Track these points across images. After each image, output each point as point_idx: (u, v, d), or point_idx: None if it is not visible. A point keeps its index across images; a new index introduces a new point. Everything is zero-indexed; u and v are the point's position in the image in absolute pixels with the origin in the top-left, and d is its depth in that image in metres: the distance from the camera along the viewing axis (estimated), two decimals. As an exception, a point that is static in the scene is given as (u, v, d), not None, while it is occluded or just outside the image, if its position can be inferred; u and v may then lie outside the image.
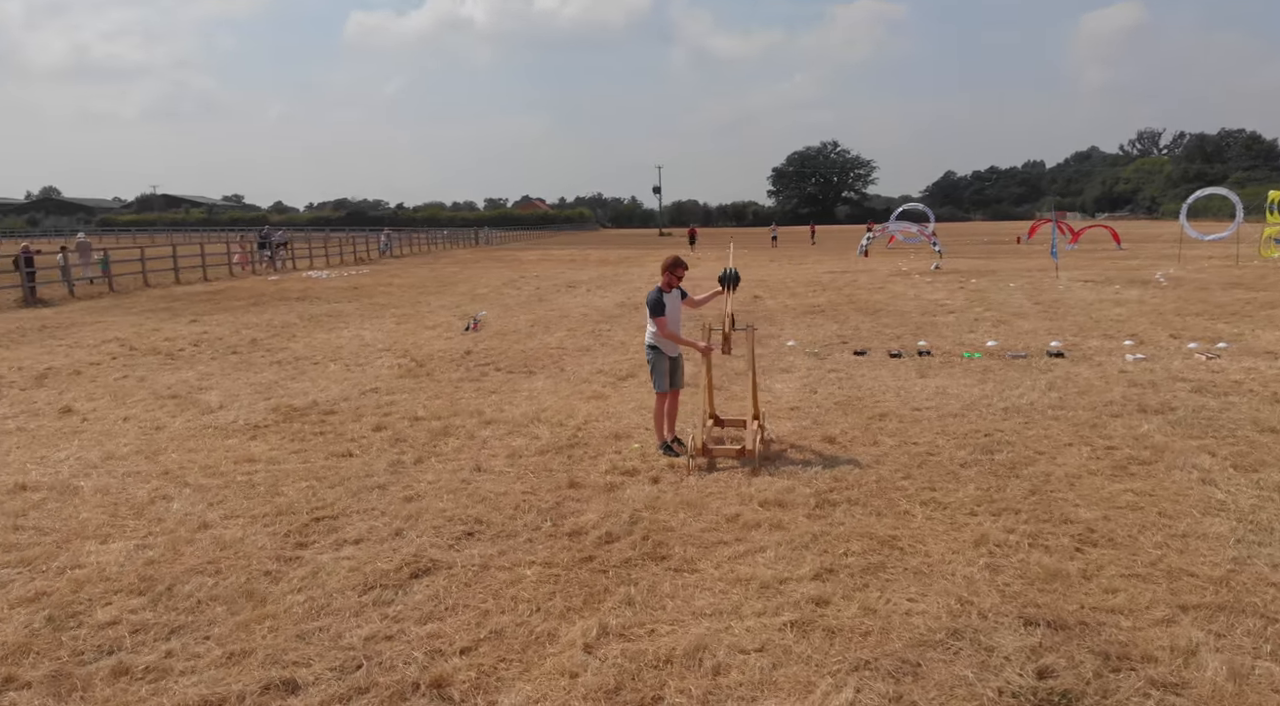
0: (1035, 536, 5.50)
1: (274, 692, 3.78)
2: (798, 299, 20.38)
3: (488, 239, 69.06)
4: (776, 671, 3.94)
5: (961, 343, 13.17)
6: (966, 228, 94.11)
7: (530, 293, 23.37)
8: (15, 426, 8.82)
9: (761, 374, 10.80)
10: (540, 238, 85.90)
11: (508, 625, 4.39)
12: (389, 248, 47.14)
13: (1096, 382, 10.03)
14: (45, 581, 4.95)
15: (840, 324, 15.70)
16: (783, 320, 16.44)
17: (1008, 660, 4.02)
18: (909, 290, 21.95)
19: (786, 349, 12.93)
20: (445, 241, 61.11)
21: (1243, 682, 3.82)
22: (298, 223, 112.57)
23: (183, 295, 24.09)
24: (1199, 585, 4.77)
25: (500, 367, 11.75)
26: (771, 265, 34.50)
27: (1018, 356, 11.87)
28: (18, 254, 22.95)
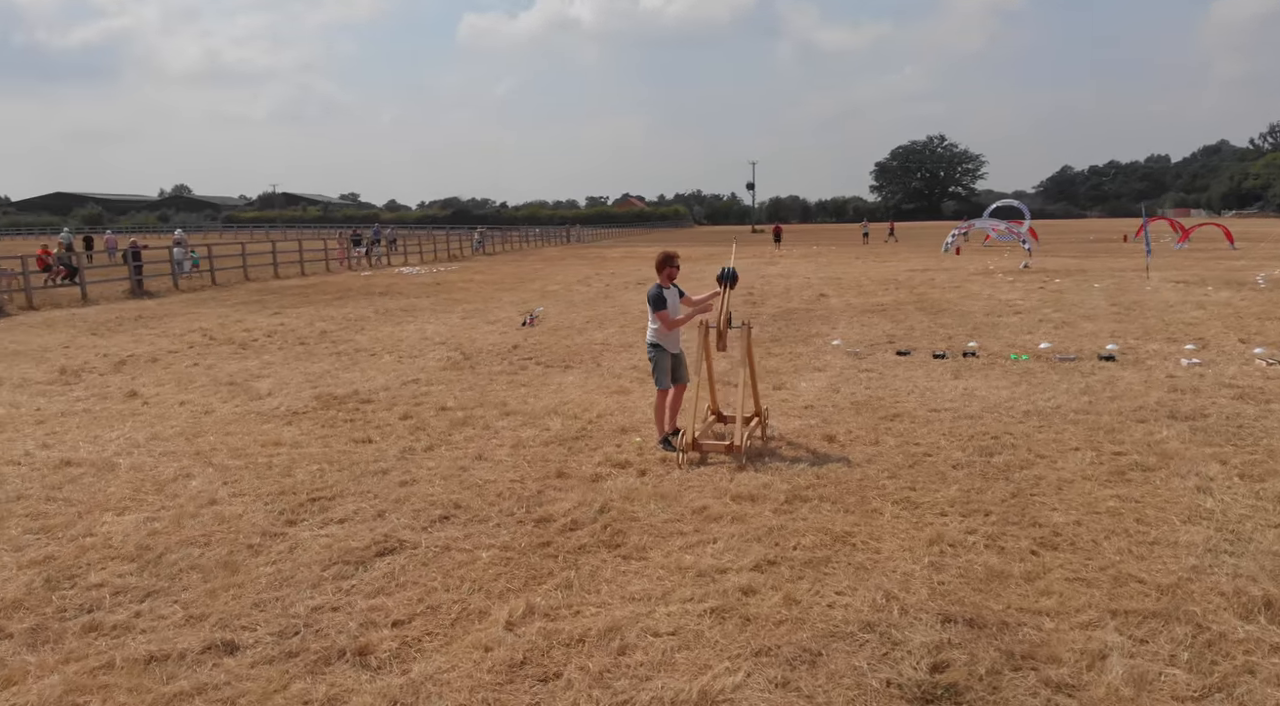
0: (995, 538, 5.49)
1: (214, 652, 4.16)
2: (865, 297, 20.17)
3: (579, 237, 69.99)
4: (678, 653, 4.11)
5: (1013, 344, 12.90)
6: (1078, 225, 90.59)
7: (599, 289, 23.77)
8: (83, 407, 9.60)
9: (793, 372, 10.90)
10: (631, 235, 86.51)
11: (446, 602, 4.67)
12: (482, 245, 48.38)
13: (1136, 387, 9.74)
14: (56, 547, 5.48)
15: (897, 323, 15.52)
16: (838, 319, 16.34)
17: (909, 654, 4.09)
18: (984, 290, 21.44)
19: (829, 348, 12.90)
20: (537, 239, 62.25)
21: (1142, 688, 3.81)
22: (407, 221, 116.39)
23: (277, 289, 25.37)
24: (1142, 591, 4.71)
25: (540, 362, 12.10)
26: (856, 263, 34.08)
27: (1066, 359, 11.57)
28: (126, 248, 24.59)
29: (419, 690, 3.80)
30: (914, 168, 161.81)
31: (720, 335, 7.59)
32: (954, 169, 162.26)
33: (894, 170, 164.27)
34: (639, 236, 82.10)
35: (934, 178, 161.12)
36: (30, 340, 15.23)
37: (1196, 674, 3.90)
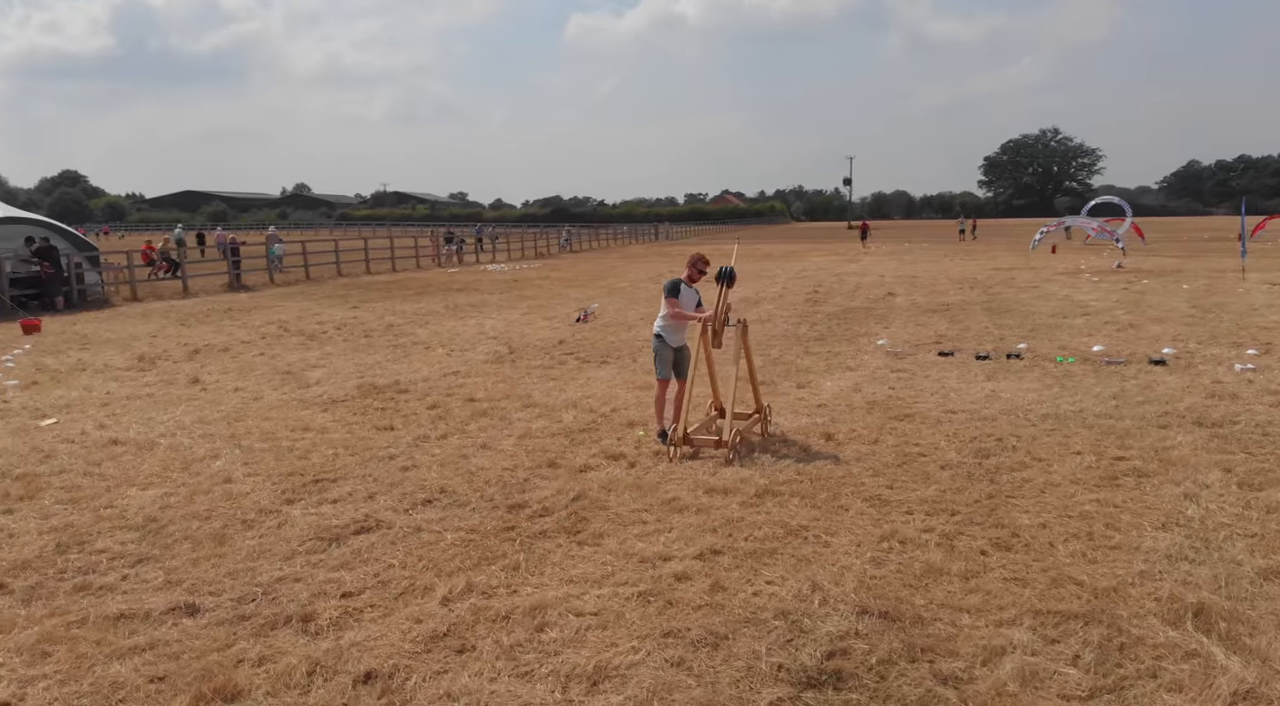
0: (951, 537, 5.53)
1: (176, 613, 4.59)
2: (933, 297, 19.83)
3: (667, 234, 70.25)
4: (591, 632, 4.35)
5: (1064, 346, 12.59)
6: (1198, 222, 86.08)
7: (670, 286, 23.97)
8: (147, 392, 10.39)
9: (824, 372, 10.94)
10: (722, 232, 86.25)
11: (398, 577, 5.02)
12: (568, 243, 49.17)
13: (1173, 392, 9.45)
14: (77, 516, 6.06)
15: (954, 323, 15.28)
16: (895, 318, 16.16)
17: (812, 641, 4.22)
18: (1062, 290, 20.81)
19: (871, 348, 12.84)
20: (625, 237, 62.80)
21: (1030, 685, 3.86)
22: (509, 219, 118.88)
23: (365, 284, 26.47)
24: (1075, 594, 4.71)
25: (580, 357, 12.43)
26: (941, 261, 33.38)
27: (1113, 362, 11.26)
28: (228, 242, 26.04)
29: (342, 654, 4.14)
30: (1025, 163, 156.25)
31: (715, 333, 7.73)
32: (1068, 163, 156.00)
33: (1004, 165, 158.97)
34: (730, 233, 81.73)
35: (1046, 173, 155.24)
36: (123, 329, 16.40)
37: (1093, 675, 3.92)
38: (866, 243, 44.29)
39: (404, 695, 3.81)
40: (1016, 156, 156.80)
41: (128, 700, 3.80)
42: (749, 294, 21.27)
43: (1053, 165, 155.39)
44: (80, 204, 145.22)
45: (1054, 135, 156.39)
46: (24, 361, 12.79)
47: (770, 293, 21.53)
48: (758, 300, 19.77)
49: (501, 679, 3.93)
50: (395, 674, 3.97)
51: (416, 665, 4.05)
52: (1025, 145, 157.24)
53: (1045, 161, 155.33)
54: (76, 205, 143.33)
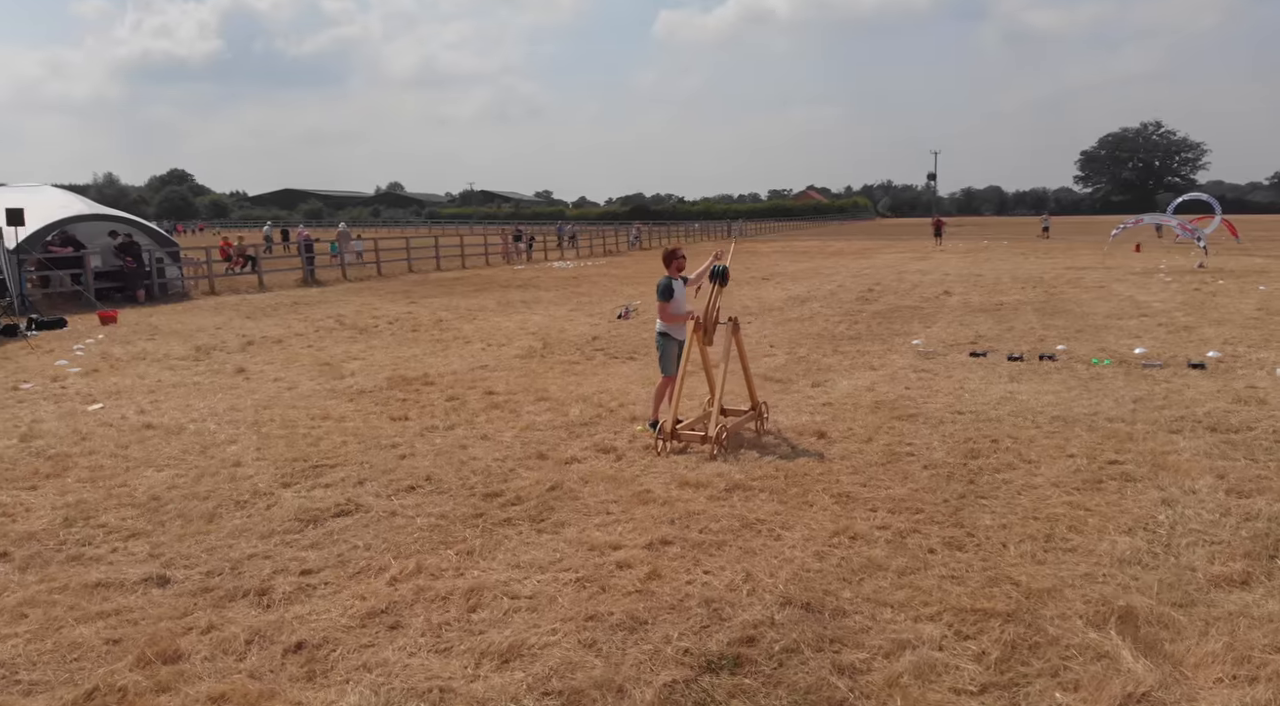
0: (904, 534, 5.57)
1: (148, 584, 4.96)
2: (990, 296, 19.45)
3: (741, 231, 69.92)
4: (519, 614, 4.56)
5: (1104, 348, 12.28)
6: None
7: (726, 284, 23.99)
8: (194, 381, 11.01)
9: (846, 371, 10.96)
10: (801, 228, 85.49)
11: (358, 558, 5.31)
12: (638, 240, 49.45)
13: (1200, 396, 9.19)
14: (91, 493, 6.55)
15: (1000, 323, 15.00)
16: (940, 318, 15.94)
17: (726, 628, 4.35)
18: (1128, 290, 20.17)
19: (903, 348, 12.74)
20: (696, 234, 62.78)
21: (924, 678, 3.92)
22: (590, 217, 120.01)
23: (431, 280, 27.22)
24: (1006, 593, 4.72)
25: (609, 352, 12.65)
26: (1014, 258, 32.58)
27: (1150, 365, 10.96)
28: (302, 239, 27.10)
29: (281, 626, 4.44)
30: (1124, 157, 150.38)
31: (707, 330, 7.86)
32: (1170, 158, 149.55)
33: (1102, 160, 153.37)
34: (808, 230, 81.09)
35: (1147, 168, 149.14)
36: (192, 321, 17.30)
37: (992, 671, 3.96)
38: (940, 240, 43.37)
39: (325, 665, 4.08)
40: (1115, 151, 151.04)
41: (81, 659, 4.16)
42: (801, 292, 21.20)
43: (1154, 160, 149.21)
44: (186, 201, 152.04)
45: (1155, 128, 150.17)
46: (93, 350, 13.64)
47: (823, 290, 21.40)
48: (806, 298, 19.70)
49: (420, 654, 4.17)
50: (324, 645, 4.25)
51: (346, 638, 4.32)
52: (1125, 139, 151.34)
53: (1146, 156, 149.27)
54: (183, 202, 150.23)
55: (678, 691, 3.84)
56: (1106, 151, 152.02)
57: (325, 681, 3.95)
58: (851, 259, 34.84)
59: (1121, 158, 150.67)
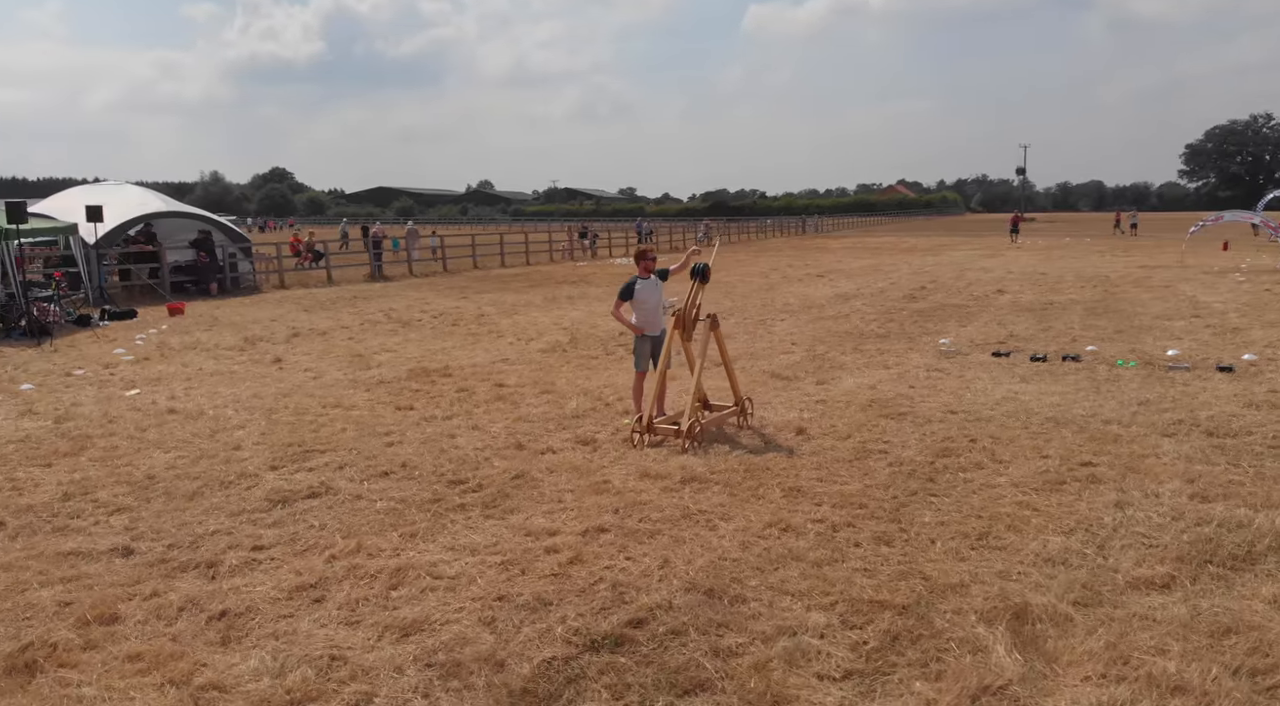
0: (838, 528, 5.66)
1: (114, 554, 5.39)
2: (1043, 295, 18.98)
3: (817, 226, 69.12)
4: (435, 593, 4.82)
5: (1135, 349, 11.96)
6: None
7: (777, 279, 23.97)
8: (231, 370, 11.63)
9: (857, 369, 10.96)
10: (884, 224, 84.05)
11: (309, 536, 5.65)
12: (706, 237, 49.34)
13: (1212, 400, 8.94)
14: (97, 471, 7.07)
15: (1040, 323, 14.69)
16: (980, 317, 15.67)
17: (623, 611, 4.53)
18: (1192, 290, 19.45)
19: (926, 347, 12.63)
20: (768, 230, 62.36)
21: (793, 664, 4.04)
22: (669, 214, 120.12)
23: (492, 276, 27.85)
24: (911, 587, 4.79)
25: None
26: (1092, 256, 31.58)
27: (1176, 368, 10.66)
28: (372, 235, 28.03)
29: (214, 595, 4.80)
30: (1232, 151, 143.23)
31: (685, 327, 8.01)
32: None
33: (1208, 153, 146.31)
34: (889, 226, 79.62)
35: (1257, 162, 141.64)
36: (253, 313, 18.15)
37: (863, 659, 4.06)
38: (1016, 237, 42.18)
39: (241, 632, 4.41)
40: (1223, 144, 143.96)
41: (33, 618, 4.58)
42: (849, 289, 21.03)
43: (1264, 154, 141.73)
44: (285, 198, 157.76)
45: (1267, 121, 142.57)
46: (152, 339, 14.49)
47: (873, 288, 21.18)
48: (852, 296, 19.55)
49: (331, 625, 4.47)
50: (246, 614, 4.59)
51: (269, 609, 4.65)
52: (1234, 132, 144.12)
53: (1256, 149, 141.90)
54: (282, 199, 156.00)
55: (554, 667, 4.05)
56: (1213, 145, 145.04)
57: (236, 646, 4.27)
58: (919, 255, 34.24)
59: (1229, 151, 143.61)
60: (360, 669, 4.03)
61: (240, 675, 3.98)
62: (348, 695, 3.82)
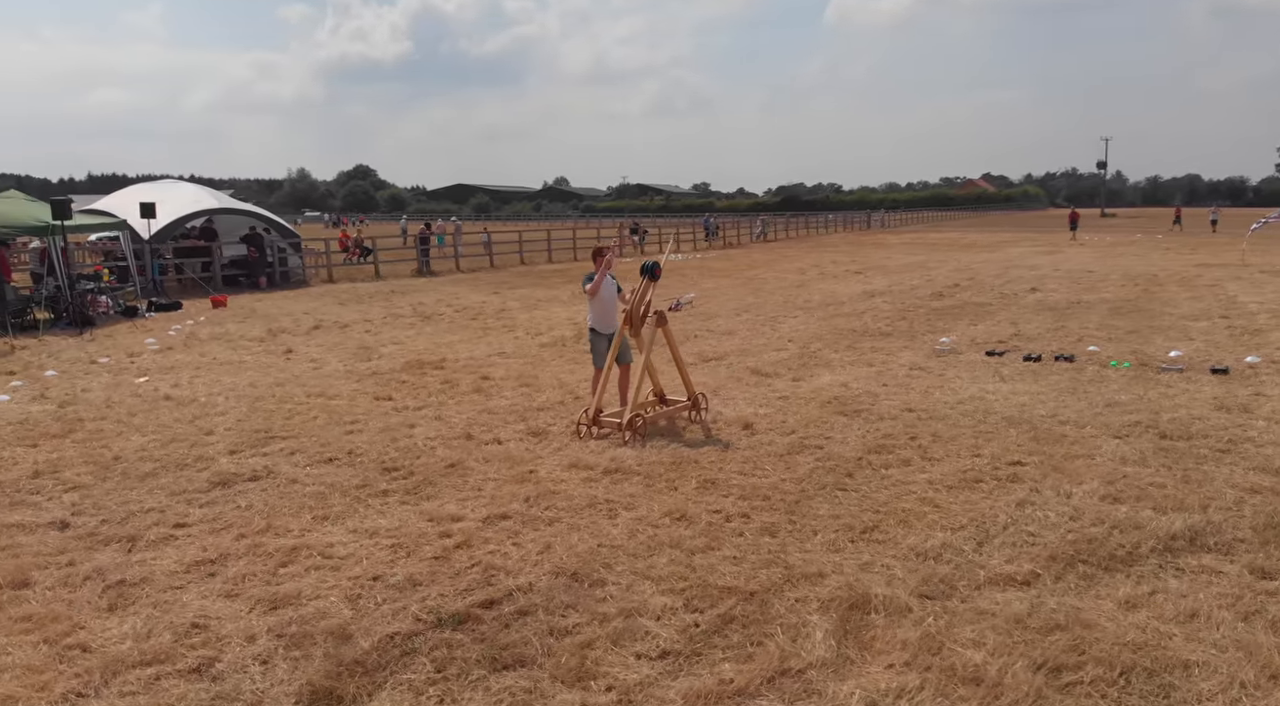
0: (732, 518, 5.81)
1: (52, 526, 5.83)
2: (1075, 293, 18.54)
3: (883, 221, 68.05)
4: (318, 571, 5.12)
5: (1136, 351, 11.70)
6: None
7: (813, 276, 23.86)
8: (240, 359, 12.21)
9: (841, 366, 11.01)
10: (958, 219, 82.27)
11: (230, 516, 6.01)
12: (764, 233, 49.19)
13: (1185, 402, 8.77)
14: (72, 452, 7.59)
15: (1056, 322, 14.42)
16: (995, 316, 15.44)
17: (483, 590, 4.77)
18: (1236, 289, 18.80)
19: (923, 347, 12.55)
20: (832, 225, 61.66)
21: (617, 644, 4.22)
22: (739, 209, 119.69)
23: (535, 272, 28.31)
24: (770, 575, 4.92)
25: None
26: (1153, 254, 30.55)
27: (1169, 369, 10.43)
28: (417, 232, 28.78)
29: (121, 567, 5.19)
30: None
31: (633, 323, 8.19)
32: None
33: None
34: (962, 221, 77.79)
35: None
36: (289, 306, 18.90)
37: (684, 640, 4.23)
38: (1075, 234, 40.95)
39: (128, 600, 4.78)
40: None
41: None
42: (880, 287, 20.84)
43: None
44: (368, 195, 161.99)
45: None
46: (186, 330, 15.25)
47: (904, 286, 20.94)
48: (879, 293, 19.39)
49: (210, 597, 4.81)
50: (140, 584, 4.96)
51: (163, 580, 5.02)
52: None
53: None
54: (365, 196, 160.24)
55: (395, 641, 4.31)
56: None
57: (119, 613, 4.64)
58: (975, 252, 33.57)
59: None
60: (216, 636, 4.35)
61: (109, 637, 4.35)
62: (193, 658, 4.14)
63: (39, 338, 14.50)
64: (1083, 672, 3.89)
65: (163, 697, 3.84)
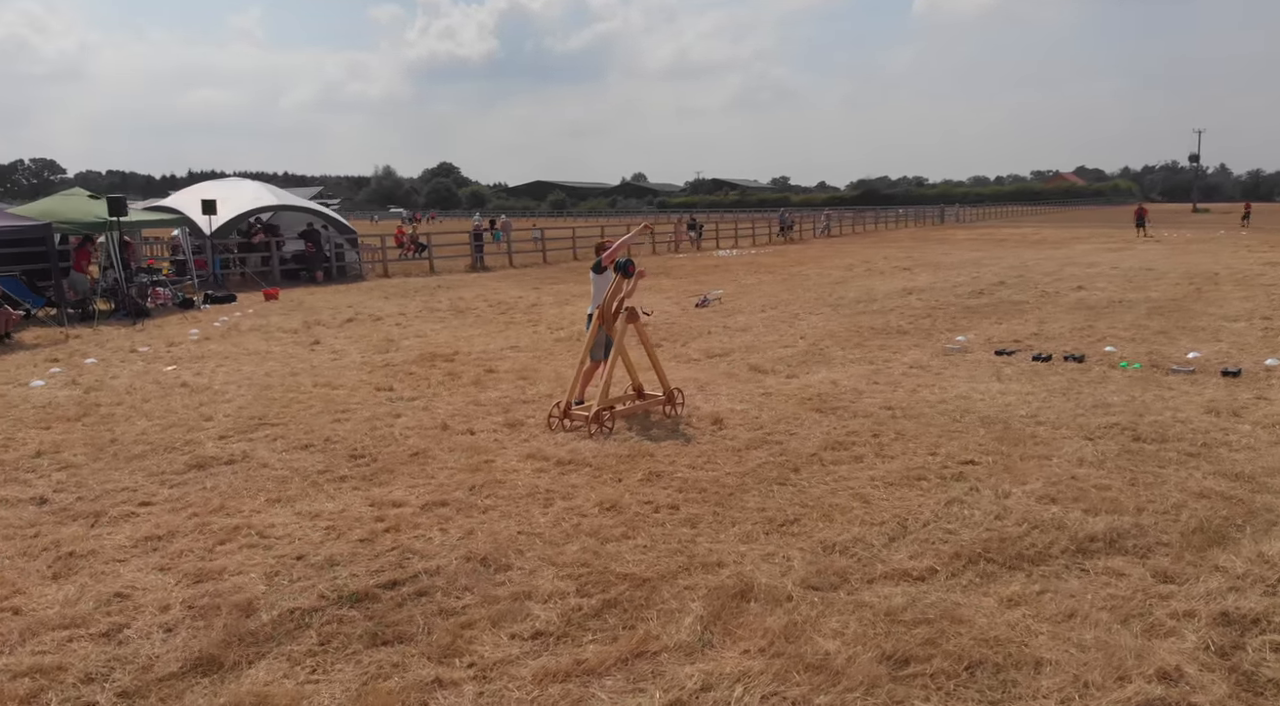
0: (661, 509, 5.96)
1: (31, 502, 6.30)
2: (1119, 292, 18.00)
3: (957, 216, 66.50)
4: (250, 549, 5.44)
5: (1154, 352, 11.40)
6: None
7: (860, 272, 23.61)
8: (267, 350, 12.77)
9: (840, 364, 11.00)
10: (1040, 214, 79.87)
11: (191, 497, 6.39)
12: (827, 228, 48.65)
13: (1176, 406, 8.57)
14: (78, 435, 8.13)
15: (1085, 321, 14.08)
16: (1026, 314, 15.13)
17: (394, 572, 5.03)
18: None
19: (932, 345, 12.42)
20: (902, 219, 60.55)
21: (495, 625, 4.43)
22: (814, 203, 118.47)
23: (582, 268, 28.44)
24: (671, 563, 5.07)
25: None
26: (1224, 253, 29.31)
27: (1178, 371, 10.16)
28: (473, 228, 29.40)
29: (80, 539, 5.59)
30: None
31: (605, 319, 8.36)
32: None
33: None
34: (1042, 215, 75.40)
35: None
36: (337, 299, 19.59)
37: (563, 623, 4.42)
38: (1143, 230, 39.40)
39: (73, 570, 5.18)
40: None
41: (-70, 550, 5.52)
42: (921, 284, 20.55)
43: None
44: (451, 192, 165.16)
45: None
46: (231, 322, 15.98)
47: (947, 284, 20.59)
48: (917, 291, 19.13)
49: (146, 570, 5.17)
50: (88, 556, 5.36)
51: (110, 553, 5.41)
52: None
53: None
54: (448, 193, 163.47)
55: (294, 616, 4.60)
56: None
57: (60, 581, 5.04)
58: (1038, 249, 32.68)
59: None
60: (134, 605, 4.70)
61: (40, 603, 4.73)
62: (105, 623, 4.49)
63: (94, 327, 15.37)
64: (929, 665, 3.95)
65: (67, 657, 4.18)
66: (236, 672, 4.06)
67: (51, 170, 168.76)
